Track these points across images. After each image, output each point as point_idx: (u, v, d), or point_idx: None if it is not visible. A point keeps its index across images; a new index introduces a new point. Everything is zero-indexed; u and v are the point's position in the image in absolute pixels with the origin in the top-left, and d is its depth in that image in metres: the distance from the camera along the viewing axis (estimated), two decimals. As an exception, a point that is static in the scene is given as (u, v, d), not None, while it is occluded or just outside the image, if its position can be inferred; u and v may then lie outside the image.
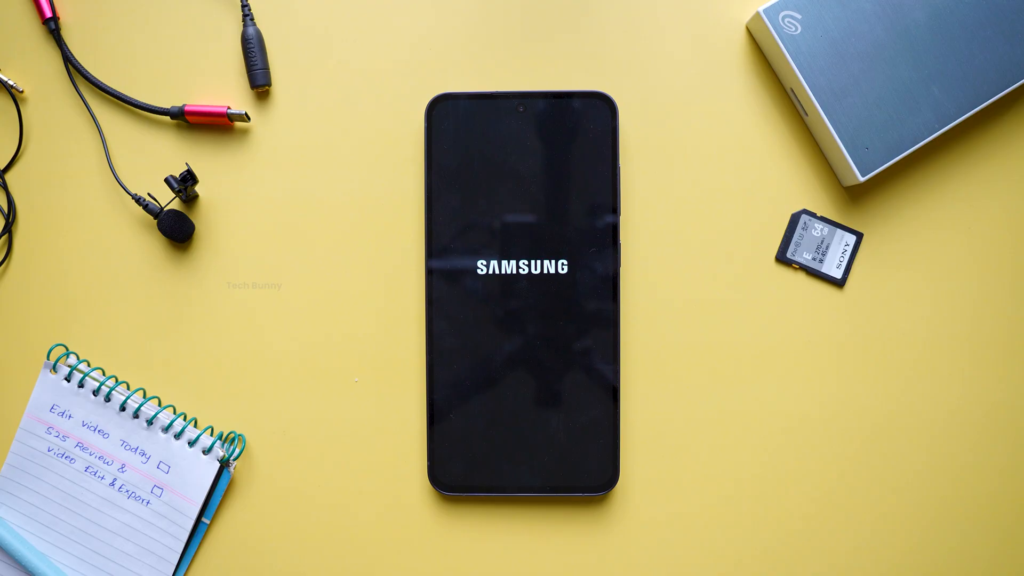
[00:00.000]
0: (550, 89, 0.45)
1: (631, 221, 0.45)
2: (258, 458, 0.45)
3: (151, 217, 0.45)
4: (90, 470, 0.44)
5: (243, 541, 0.45)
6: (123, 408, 0.44)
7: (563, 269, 0.44)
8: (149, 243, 0.45)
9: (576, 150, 0.44)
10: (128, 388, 0.45)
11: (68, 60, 0.45)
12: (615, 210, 0.44)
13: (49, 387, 0.45)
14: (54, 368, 0.45)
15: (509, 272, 0.44)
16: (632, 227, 0.45)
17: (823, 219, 0.45)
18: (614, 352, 0.44)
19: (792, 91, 0.44)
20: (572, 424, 0.44)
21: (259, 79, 0.45)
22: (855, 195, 0.45)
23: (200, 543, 0.45)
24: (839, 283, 0.45)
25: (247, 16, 0.45)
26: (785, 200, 0.45)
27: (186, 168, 0.44)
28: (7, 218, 0.45)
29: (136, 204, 0.45)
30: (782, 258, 0.45)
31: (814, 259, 0.45)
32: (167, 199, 0.45)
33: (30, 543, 0.45)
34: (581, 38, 0.45)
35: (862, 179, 0.43)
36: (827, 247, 0.45)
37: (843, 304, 0.45)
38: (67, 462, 0.45)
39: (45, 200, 0.46)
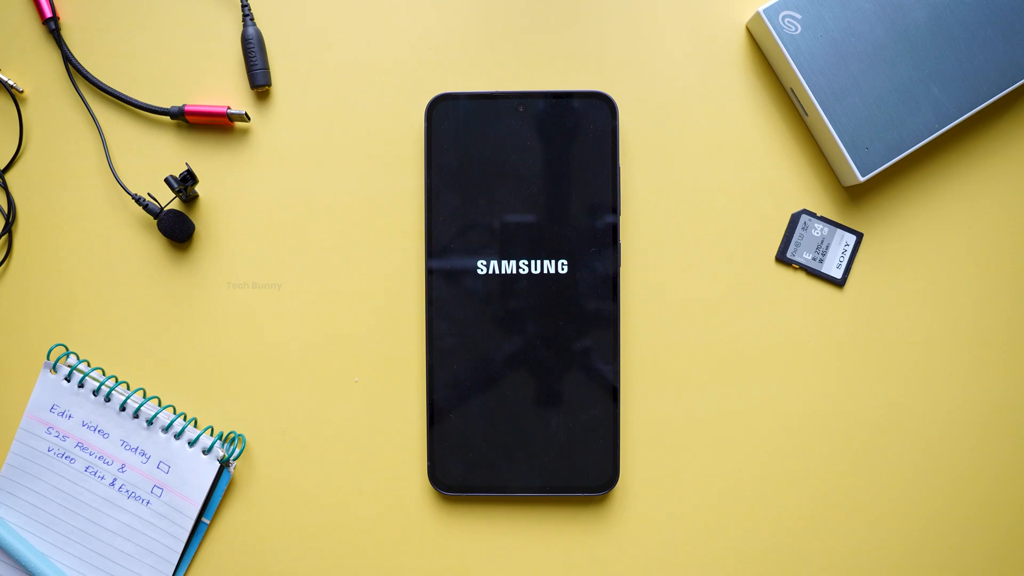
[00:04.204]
0: (550, 89, 0.45)
1: (631, 221, 0.45)
2: (258, 458, 0.45)
3: (151, 217, 0.45)
4: (90, 470, 0.44)
5: (243, 541, 0.45)
6: (123, 408, 0.44)
7: (563, 269, 0.44)
8: (149, 243, 0.45)
9: (576, 150, 0.44)
10: (128, 388, 0.45)
11: (68, 60, 0.45)
12: (615, 210, 0.44)
13: (49, 387, 0.45)
14: (54, 368, 0.45)
15: (509, 272, 0.44)
16: (632, 227, 0.45)
17: (823, 219, 0.45)
18: (614, 352, 0.44)
19: (792, 91, 0.44)
20: (572, 424, 0.44)
21: (259, 79, 0.45)
22: (855, 195, 0.45)
23: (200, 543, 0.45)
24: (839, 283, 0.45)
25: (247, 16, 0.45)
26: (785, 200, 0.45)
27: (186, 168, 0.44)
28: (7, 218, 0.45)
29: (136, 204, 0.45)
30: (782, 258, 0.45)
31: (814, 259, 0.45)
32: (167, 199, 0.45)
33: (30, 543, 0.45)
34: (581, 38, 0.45)
35: (862, 179, 0.43)
36: (827, 247, 0.45)
37: (843, 304, 0.45)
38: (67, 462, 0.45)
39: (45, 200, 0.46)
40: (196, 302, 0.45)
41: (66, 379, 0.45)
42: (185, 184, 0.43)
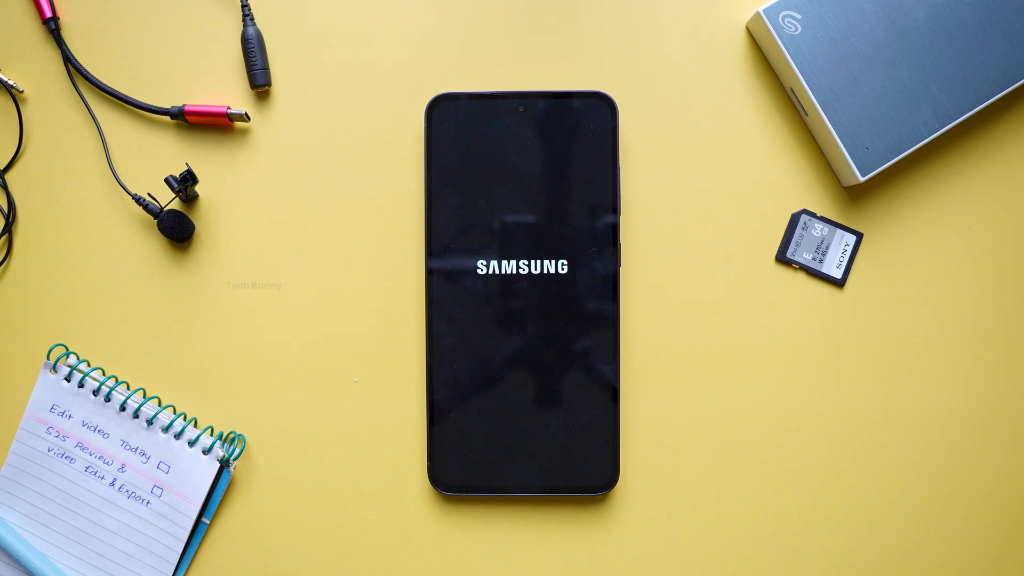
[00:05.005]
0: (550, 89, 0.45)
1: (631, 221, 0.45)
2: (258, 458, 0.45)
3: (151, 217, 0.45)
4: (90, 470, 0.44)
5: (243, 541, 0.45)
6: (123, 408, 0.44)
7: (563, 269, 0.44)
8: (149, 243, 0.46)
9: (576, 150, 0.44)
10: (128, 388, 0.45)
11: (68, 60, 0.45)
12: (615, 210, 0.44)
13: (49, 387, 0.45)
14: (54, 368, 0.45)
15: (509, 272, 0.44)
16: (632, 227, 0.45)
17: (823, 219, 0.45)
18: (614, 352, 0.44)
19: (792, 91, 0.44)
20: (572, 424, 0.44)
21: (259, 79, 0.45)
22: (855, 195, 0.45)
23: (200, 543, 0.45)
24: (839, 283, 0.45)
25: (247, 16, 0.45)
26: (785, 200, 0.45)
27: (186, 168, 0.44)
28: (7, 218, 0.45)
29: (136, 204, 0.45)
30: (782, 258, 0.45)
31: (814, 259, 0.45)
32: (167, 199, 0.45)
33: (30, 543, 0.45)
34: (581, 38, 0.45)
35: (862, 179, 0.43)
36: (827, 247, 0.45)
37: (843, 304, 0.45)
38: (67, 462, 0.45)
39: (45, 200, 0.46)
40: (196, 302, 0.45)
41: (66, 379, 0.45)
42: (185, 184, 0.43)
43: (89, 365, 0.45)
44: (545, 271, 0.44)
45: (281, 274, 0.45)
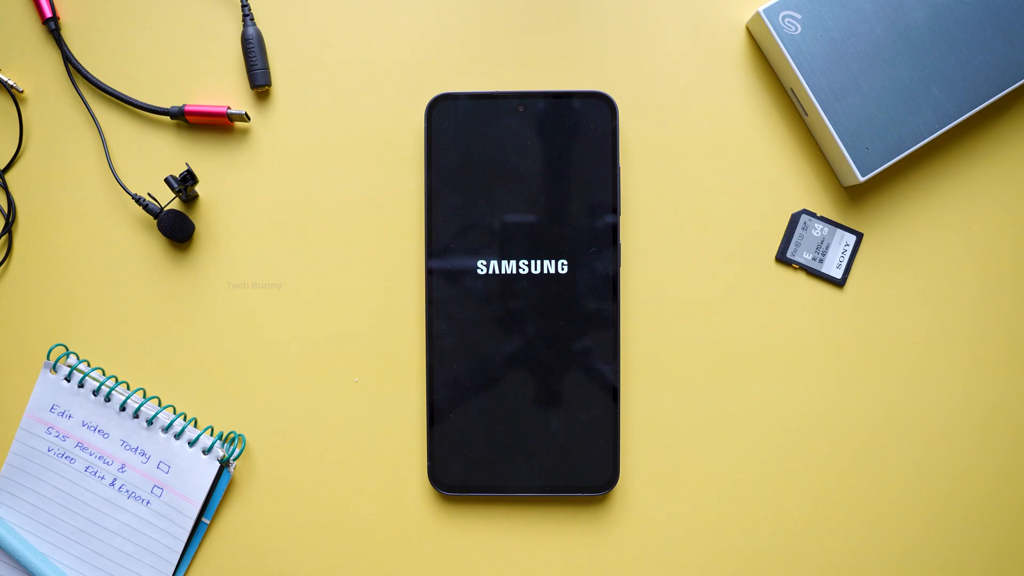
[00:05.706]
0: (550, 89, 0.45)
1: (631, 221, 0.45)
2: (258, 458, 0.45)
3: (151, 217, 0.45)
4: (90, 470, 0.44)
5: (243, 541, 0.45)
6: (123, 408, 0.44)
7: (563, 269, 0.44)
8: (149, 243, 0.46)
9: (576, 150, 0.44)
10: (128, 388, 0.45)
11: (68, 60, 0.45)
12: (615, 210, 0.44)
13: (49, 387, 0.45)
14: (54, 368, 0.45)
15: (509, 272, 0.44)
16: (632, 227, 0.45)
17: (823, 219, 0.45)
18: (614, 352, 0.44)
19: (792, 91, 0.44)
20: (572, 424, 0.44)
21: (259, 79, 0.45)
22: (855, 195, 0.45)
23: (200, 543, 0.45)
24: (839, 283, 0.45)
25: (247, 16, 0.45)
26: (785, 200, 0.45)
27: (186, 168, 0.44)
28: (7, 218, 0.45)
29: (136, 204, 0.45)
30: (782, 258, 0.45)
31: (814, 259, 0.45)
32: (167, 199, 0.45)
33: (30, 543, 0.45)
34: (581, 38, 0.45)
35: (862, 179, 0.43)
36: (827, 247, 0.45)
37: (843, 304, 0.45)
38: (67, 462, 0.45)
39: (45, 200, 0.46)
40: (196, 302, 0.45)
41: (66, 379, 0.45)
42: (185, 184, 0.43)
43: (89, 365, 0.45)
44: (545, 271, 0.44)
45: (281, 274, 0.45)
